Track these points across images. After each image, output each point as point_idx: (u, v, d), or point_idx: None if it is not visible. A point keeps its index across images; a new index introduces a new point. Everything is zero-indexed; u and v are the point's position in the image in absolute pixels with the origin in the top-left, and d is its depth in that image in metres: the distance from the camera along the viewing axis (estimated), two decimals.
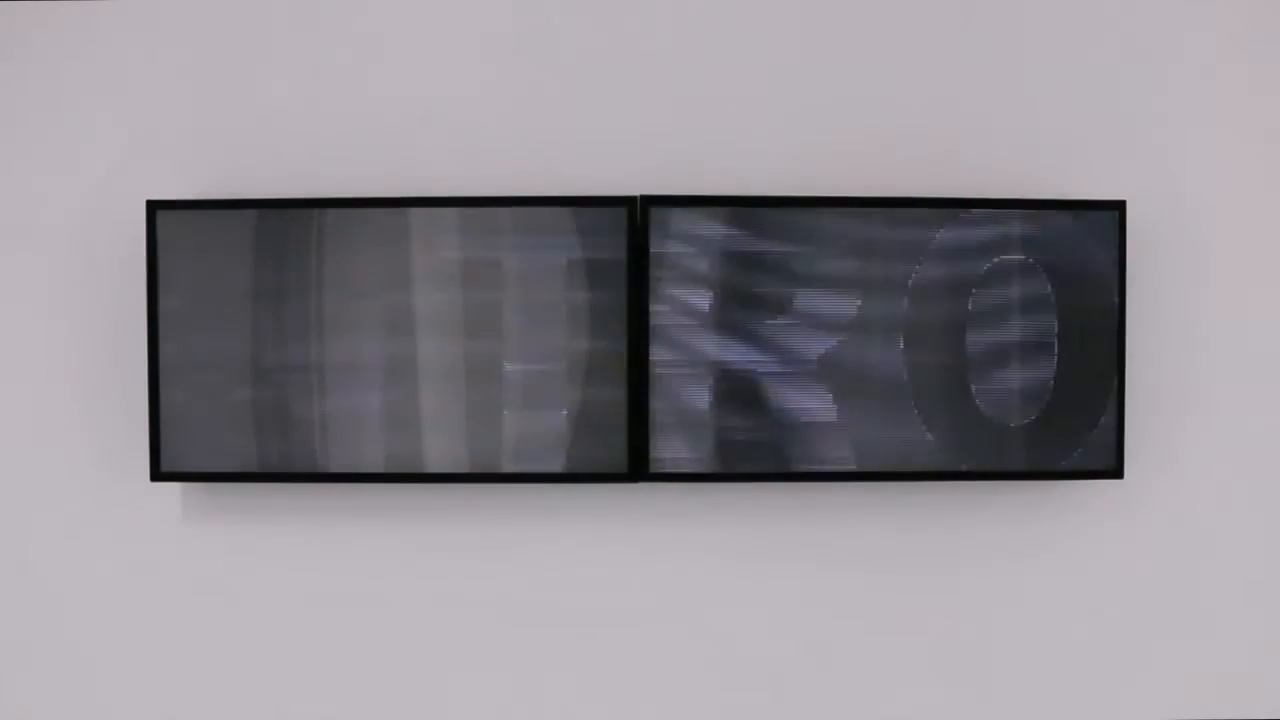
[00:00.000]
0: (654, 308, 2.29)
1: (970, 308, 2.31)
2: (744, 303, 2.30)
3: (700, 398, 2.30)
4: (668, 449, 2.30)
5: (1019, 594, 2.44)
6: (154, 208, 2.30)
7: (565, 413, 2.31)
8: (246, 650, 2.43)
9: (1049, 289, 2.32)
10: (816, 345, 2.31)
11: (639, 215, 2.30)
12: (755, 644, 2.43)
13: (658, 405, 2.30)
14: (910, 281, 2.31)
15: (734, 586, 2.43)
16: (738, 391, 2.30)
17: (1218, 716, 2.46)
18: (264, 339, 2.30)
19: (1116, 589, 2.45)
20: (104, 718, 2.44)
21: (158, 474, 2.32)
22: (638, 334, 2.29)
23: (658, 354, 2.29)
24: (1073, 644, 2.45)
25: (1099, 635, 2.45)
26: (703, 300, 2.30)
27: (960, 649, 2.44)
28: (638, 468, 2.30)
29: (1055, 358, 2.32)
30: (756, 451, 2.31)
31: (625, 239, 2.30)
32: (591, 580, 2.43)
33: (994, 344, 2.32)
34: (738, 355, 2.30)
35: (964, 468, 2.32)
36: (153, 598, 2.43)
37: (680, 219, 2.30)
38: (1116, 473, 2.34)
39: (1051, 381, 2.32)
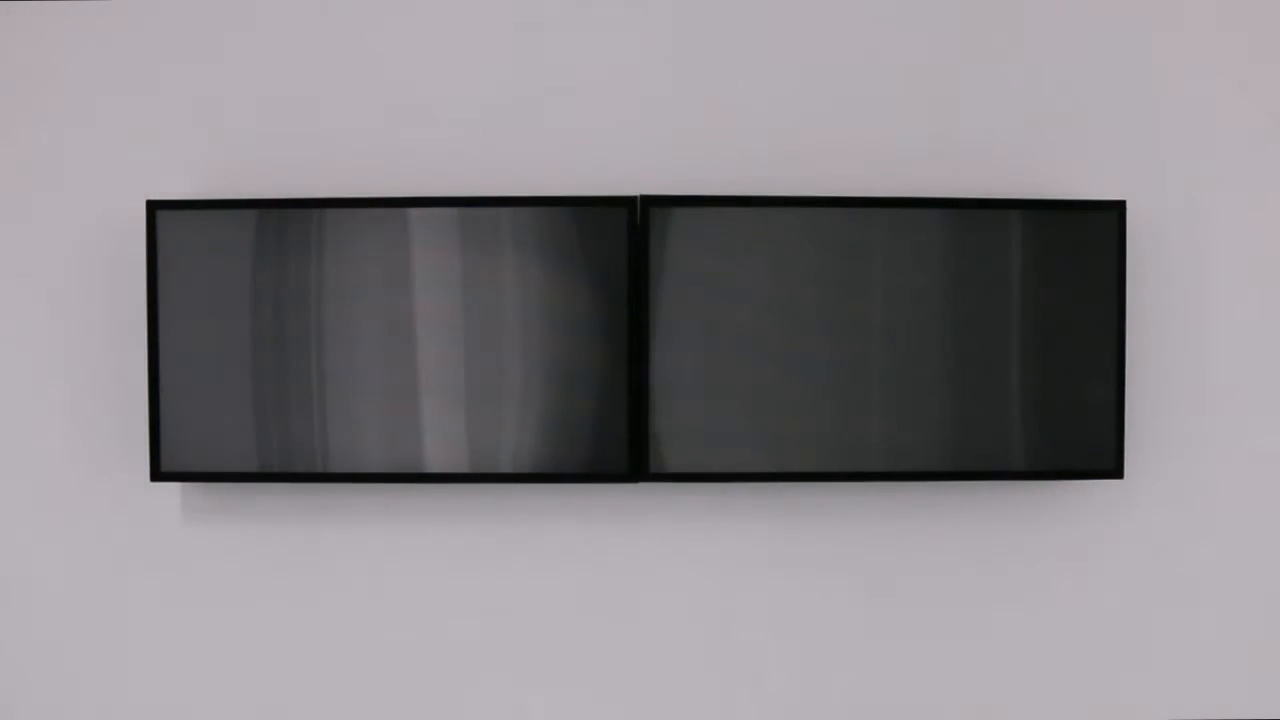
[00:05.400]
0: (654, 307, 2.29)
1: (970, 308, 2.32)
2: (744, 302, 2.30)
3: (700, 397, 2.30)
4: (667, 449, 2.31)
5: (1019, 594, 2.44)
6: (154, 208, 2.30)
7: (565, 412, 2.31)
8: (246, 650, 2.43)
9: (1049, 289, 2.32)
10: (816, 345, 2.31)
11: (639, 215, 2.30)
12: (755, 643, 2.44)
13: (657, 405, 2.30)
14: (910, 281, 2.31)
15: (734, 586, 2.43)
16: (737, 391, 2.30)
17: (1218, 716, 2.47)
18: (264, 339, 2.30)
19: (1116, 589, 2.45)
20: (104, 717, 2.44)
21: (158, 474, 2.32)
22: (638, 334, 2.29)
23: (657, 354, 2.29)
24: (1072, 643, 2.45)
25: (1099, 635, 2.45)
26: (702, 300, 2.30)
27: (960, 648, 2.44)
28: (638, 468, 2.31)
29: (1055, 357, 2.32)
30: (756, 451, 2.31)
31: (625, 239, 2.30)
32: (591, 580, 2.43)
33: (994, 344, 2.32)
34: (738, 355, 2.30)
35: (964, 468, 2.32)
36: (153, 598, 2.43)
37: (680, 219, 2.30)
38: (1116, 473, 2.34)
39: (1052, 381, 2.32)
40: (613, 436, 2.30)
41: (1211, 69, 2.44)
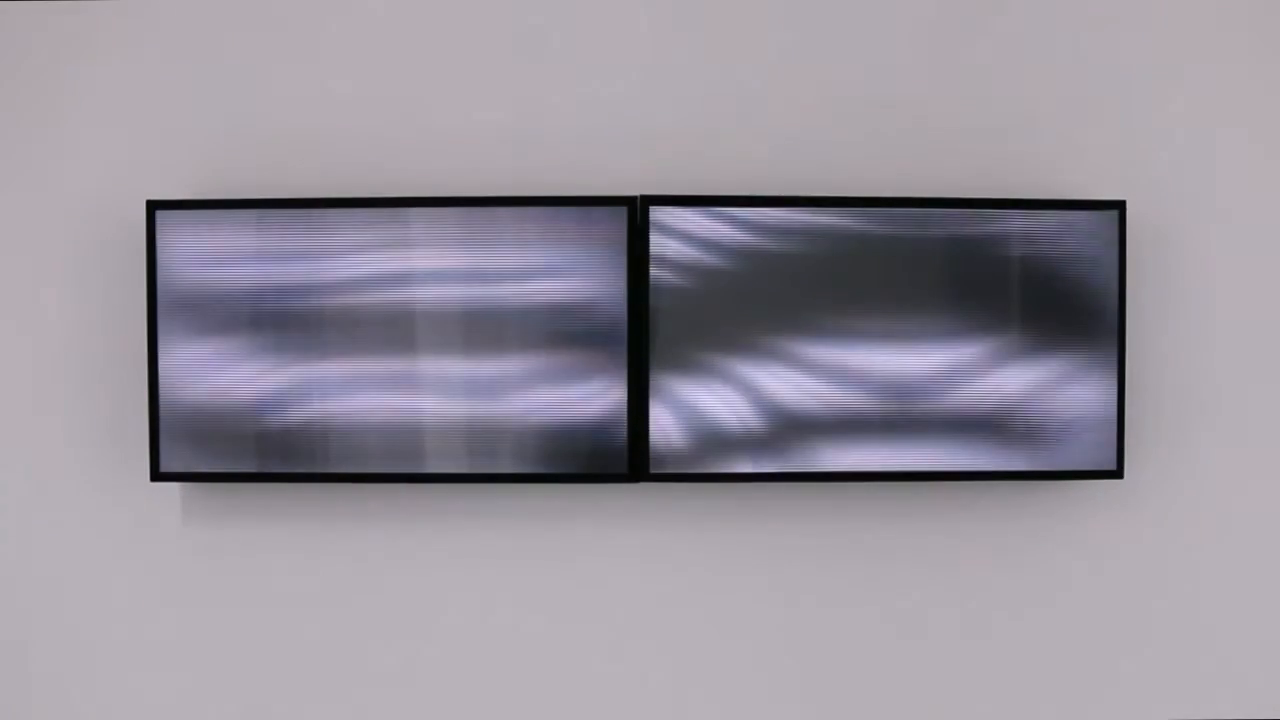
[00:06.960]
0: (654, 307, 2.29)
1: (970, 308, 2.31)
2: (743, 303, 2.30)
3: (700, 398, 2.30)
4: (668, 449, 2.31)
5: (1019, 594, 2.44)
6: (154, 208, 2.31)
7: (565, 413, 2.31)
8: (246, 650, 2.43)
9: (1049, 289, 2.32)
10: (816, 344, 2.31)
11: (639, 215, 2.30)
12: (755, 643, 2.44)
13: (657, 405, 2.30)
14: (910, 281, 2.31)
15: (734, 586, 2.43)
16: (737, 391, 2.30)
17: (1218, 716, 2.46)
18: (263, 339, 2.30)
19: (1116, 589, 2.45)
20: (104, 717, 2.44)
21: (158, 474, 2.32)
22: (637, 334, 2.29)
23: (657, 354, 2.29)
24: (1072, 644, 2.45)
25: (1098, 635, 2.45)
26: (702, 300, 2.30)
27: (960, 649, 2.44)
28: (638, 468, 2.31)
29: (1055, 357, 2.32)
30: (757, 451, 2.31)
31: (625, 239, 2.30)
32: (591, 580, 2.42)
33: (994, 344, 2.32)
34: (737, 355, 2.30)
35: (964, 468, 2.32)
36: (153, 597, 2.43)
37: (680, 219, 2.30)
38: (1116, 473, 2.34)
39: (1051, 381, 2.32)
40: (613, 436, 2.31)
41: (1211, 69, 2.44)
